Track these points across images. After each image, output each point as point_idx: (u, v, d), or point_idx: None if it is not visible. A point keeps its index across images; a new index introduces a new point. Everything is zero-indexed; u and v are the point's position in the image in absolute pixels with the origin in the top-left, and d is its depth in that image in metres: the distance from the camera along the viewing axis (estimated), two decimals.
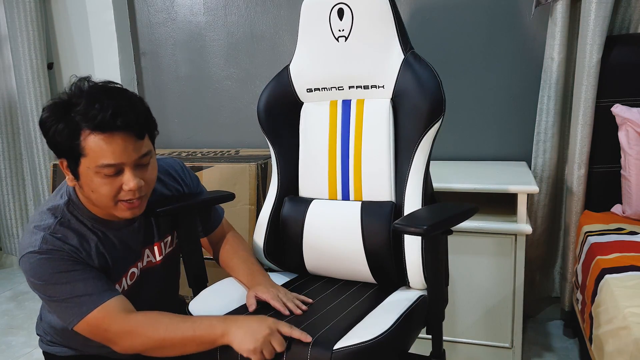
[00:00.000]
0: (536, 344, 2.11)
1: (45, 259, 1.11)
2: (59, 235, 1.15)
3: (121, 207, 1.16)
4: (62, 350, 1.37)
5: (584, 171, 1.98)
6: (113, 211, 1.16)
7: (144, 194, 1.18)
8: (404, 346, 1.21)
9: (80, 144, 1.08)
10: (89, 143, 1.08)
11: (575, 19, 1.99)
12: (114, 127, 1.07)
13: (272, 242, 1.53)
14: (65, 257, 1.13)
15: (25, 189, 3.08)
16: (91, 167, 1.09)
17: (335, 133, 1.46)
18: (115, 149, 1.08)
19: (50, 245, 1.12)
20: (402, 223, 1.13)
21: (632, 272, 1.42)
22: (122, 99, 1.12)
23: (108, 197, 1.13)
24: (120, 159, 1.10)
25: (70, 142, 1.09)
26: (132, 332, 1.12)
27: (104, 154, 1.08)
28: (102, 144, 1.07)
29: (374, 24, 1.39)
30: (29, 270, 1.13)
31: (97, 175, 1.10)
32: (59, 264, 1.12)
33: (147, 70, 2.78)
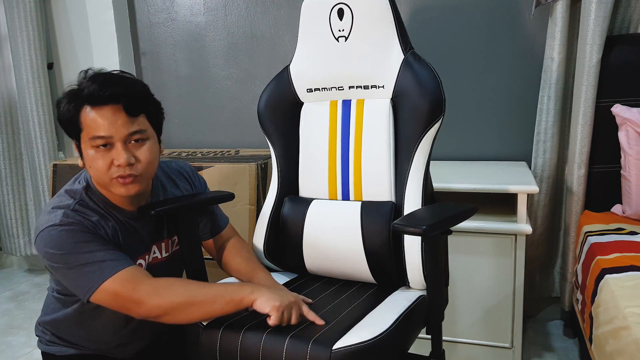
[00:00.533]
0: (536, 344, 2.11)
1: (66, 230, 1.15)
2: (79, 212, 1.19)
3: (115, 184, 1.19)
4: (62, 349, 1.37)
5: (584, 171, 1.97)
6: (110, 188, 1.20)
7: (139, 174, 1.20)
8: (404, 346, 1.21)
9: (79, 119, 1.16)
10: (84, 117, 1.16)
11: (575, 19, 1.99)
12: (102, 99, 1.14)
13: (272, 242, 1.53)
14: (85, 230, 1.17)
15: (25, 189, 3.08)
16: (86, 140, 1.17)
17: (335, 133, 1.46)
18: (105, 121, 1.14)
19: (71, 219, 1.16)
20: (401, 223, 1.13)
21: (632, 272, 1.43)
22: (116, 77, 1.19)
23: (102, 172, 1.17)
24: (109, 132, 1.15)
25: (72, 120, 1.17)
26: (161, 289, 1.15)
27: (96, 126, 1.15)
28: (94, 116, 1.15)
29: (374, 24, 1.39)
30: (49, 242, 1.15)
31: (92, 149, 1.16)
32: (80, 235, 1.15)
33: (147, 70, 2.78)
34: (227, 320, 1.21)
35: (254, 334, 1.15)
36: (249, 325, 1.18)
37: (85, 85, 1.16)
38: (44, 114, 2.84)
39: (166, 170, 1.44)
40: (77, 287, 1.17)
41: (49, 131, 2.88)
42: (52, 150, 2.91)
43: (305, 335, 1.13)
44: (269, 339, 1.13)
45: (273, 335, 1.14)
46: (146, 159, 1.20)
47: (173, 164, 1.46)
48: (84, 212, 1.20)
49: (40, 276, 3.14)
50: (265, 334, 1.14)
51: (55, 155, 2.93)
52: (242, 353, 1.14)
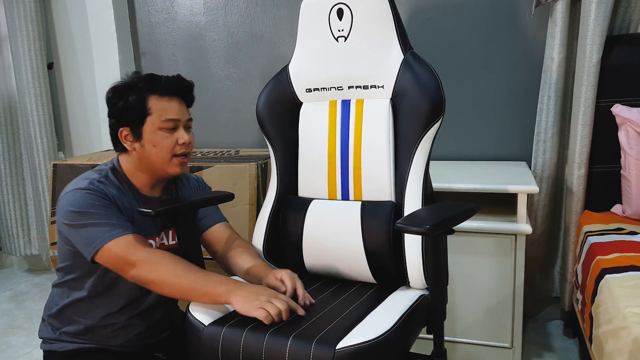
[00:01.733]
0: (536, 344, 2.11)
1: (89, 193, 1.30)
2: (103, 184, 1.35)
3: (175, 162, 1.39)
4: (63, 345, 1.40)
5: (584, 171, 1.98)
6: (167, 166, 1.39)
7: (189, 152, 1.43)
8: (406, 345, 1.21)
9: (147, 106, 1.36)
10: (154, 104, 1.36)
11: (575, 19, 2.00)
12: (173, 91, 1.40)
13: (272, 242, 1.53)
14: (105, 198, 1.31)
15: (25, 189, 3.08)
16: (156, 123, 1.36)
17: (334, 133, 1.46)
18: (175, 107, 1.39)
19: (95, 187, 1.32)
20: (404, 223, 1.13)
21: (632, 272, 1.43)
22: (178, 78, 1.45)
23: (167, 150, 1.37)
24: (179, 115, 1.40)
25: (140, 106, 1.35)
26: (155, 263, 1.24)
27: (167, 111, 1.38)
28: (165, 104, 1.38)
29: (374, 24, 1.39)
30: (71, 201, 1.29)
31: (160, 130, 1.37)
32: (100, 200, 1.30)
33: (147, 70, 2.78)
34: (229, 320, 1.21)
35: (256, 333, 1.15)
36: (251, 325, 1.17)
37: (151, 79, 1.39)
38: (44, 114, 2.84)
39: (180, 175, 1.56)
40: (85, 244, 1.28)
41: (49, 131, 2.88)
42: (52, 150, 2.91)
43: (308, 335, 1.13)
44: (272, 338, 1.13)
45: (276, 335, 1.13)
46: (194, 142, 1.46)
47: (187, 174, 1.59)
48: (107, 185, 1.35)
49: (40, 276, 3.14)
50: (268, 333, 1.14)
51: (55, 155, 2.93)
52: (245, 353, 1.14)
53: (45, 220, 2.95)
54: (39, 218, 3.00)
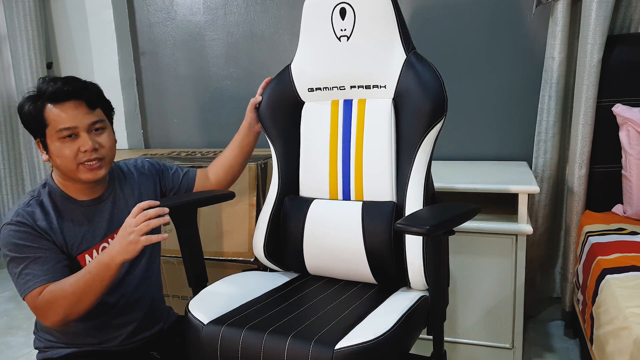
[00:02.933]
0: (537, 344, 2.11)
1: (13, 230, 1.28)
2: (29, 209, 1.31)
3: (82, 170, 1.32)
4: (57, 352, 1.40)
5: (584, 171, 1.97)
6: (77, 174, 1.32)
7: (103, 157, 1.34)
8: (405, 346, 1.21)
9: (43, 116, 1.30)
10: (48, 114, 1.29)
11: (576, 18, 1.99)
12: (64, 95, 1.29)
13: (273, 242, 1.53)
14: (28, 230, 1.28)
15: (25, 189, 3.07)
16: (53, 134, 1.30)
17: (336, 133, 1.46)
18: (69, 114, 1.29)
19: (20, 218, 1.29)
20: (404, 223, 1.12)
21: (633, 272, 1.42)
22: (73, 78, 1.35)
23: (70, 159, 1.30)
24: (74, 122, 1.30)
25: (37, 118, 1.30)
26: (50, 302, 1.24)
27: (61, 119, 1.29)
28: (58, 112, 1.29)
29: (376, 23, 1.39)
30: (2, 240, 1.29)
31: (59, 141, 1.30)
32: (22, 235, 1.28)
33: (147, 70, 2.78)
34: (229, 319, 1.20)
35: (255, 332, 1.15)
36: (250, 324, 1.17)
37: (46, 86, 1.30)
38: None
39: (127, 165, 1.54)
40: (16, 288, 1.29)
41: None
42: None
43: (307, 334, 1.12)
44: (271, 338, 1.13)
45: (275, 334, 1.13)
46: (108, 144, 1.36)
47: (136, 161, 1.58)
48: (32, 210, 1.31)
49: None
50: (267, 333, 1.14)
51: None
52: (243, 352, 1.14)
53: None
54: None
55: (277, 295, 1.38)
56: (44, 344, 1.41)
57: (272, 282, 1.48)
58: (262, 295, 1.38)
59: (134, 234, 1.19)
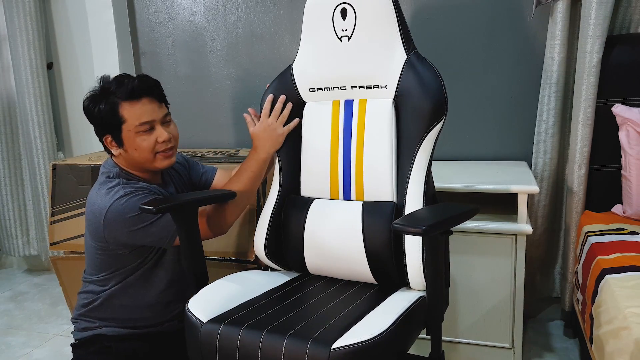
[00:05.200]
0: (536, 344, 2.11)
1: (132, 196, 1.41)
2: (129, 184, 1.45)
3: (159, 158, 1.47)
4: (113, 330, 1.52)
5: (584, 171, 1.97)
6: (153, 163, 1.47)
7: (174, 145, 1.50)
8: (403, 347, 1.21)
9: (119, 114, 1.41)
10: (125, 111, 1.41)
11: (575, 18, 1.99)
12: (140, 92, 1.42)
13: (274, 241, 1.53)
14: (145, 191, 1.44)
15: (24, 189, 3.07)
16: (131, 129, 1.42)
17: (337, 133, 1.46)
18: (146, 109, 1.43)
19: (130, 188, 1.43)
20: (401, 223, 1.12)
21: (633, 272, 1.42)
22: (141, 75, 1.48)
23: (148, 150, 1.44)
24: (152, 116, 1.44)
25: (112, 115, 1.41)
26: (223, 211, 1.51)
27: (140, 115, 1.42)
28: (135, 108, 1.42)
29: (377, 24, 1.39)
30: (124, 210, 1.39)
31: (137, 135, 1.43)
32: (145, 196, 1.42)
33: (147, 70, 2.78)
34: (227, 317, 1.21)
35: (253, 331, 1.15)
36: (248, 323, 1.18)
37: (117, 85, 1.42)
38: (43, 114, 2.83)
39: None
40: (160, 238, 1.43)
41: (48, 131, 2.87)
42: (52, 150, 2.90)
43: (304, 334, 1.13)
44: (268, 337, 1.13)
45: (272, 333, 1.14)
46: (176, 134, 1.53)
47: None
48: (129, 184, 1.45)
49: (39, 276, 3.14)
50: (265, 332, 1.14)
51: (55, 155, 2.93)
52: (242, 350, 1.14)
53: (45, 220, 2.94)
54: (38, 218, 2.99)
55: (276, 294, 1.38)
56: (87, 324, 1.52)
57: (272, 281, 1.48)
58: (262, 294, 1.38)
59: (277, 127, 1.50)
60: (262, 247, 1.52)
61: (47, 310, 2.65)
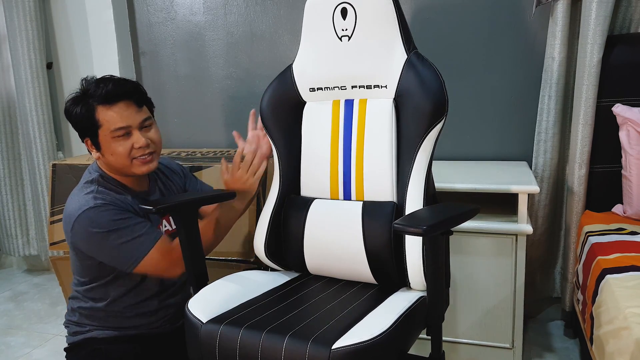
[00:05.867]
0: (537, 344, 2.11)
1: (102, 210, 1.36)
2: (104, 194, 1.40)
3: (136, 164, 1.42)
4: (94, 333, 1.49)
5: (584, 171, 1.97)
6: (131, 169, 1.42)
7: (154, 151, 1.45)
8: (403, 347, 1.21)
9: (95, 118, 1.37)
10: (101, 115, 1.37)
11: (576, 18, 1.99)
12: (115, 96, 1.37)
13: (274, 241, 1.53)
14: (116, 208, 1.38)
15: (24, 189, 3.07)
16: (107, 134, 1.38)
17: (337, 133, 1.46)
18: (122, 114, 1.38)
19: (101, 200, 1.37)
20: (401, 223, 1.12)
21: (633, 272, 1.42)
22: (119, 79, 1.43)
23: (124, 156, 1.39)
24: (127, 122, 1.38)
25: (89, 119, 1.37)
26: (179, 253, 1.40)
27: (114, 120, 1.37)
28: (111, 113, 1.37)
29: (378, 23, 1.39)
30: (90, 223, 1.35)
31: (113, 140, 1.38)
32: (114, 213, 1.36)
33: (147, 70, 2.78)
34: (227, 318, 1.20)
35: (253, 331, 1.15)
36: (248, 323, 1.17)
37: (96, 88, 1.37)
38: (42, 114, 2.83)
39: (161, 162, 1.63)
40: (120, 262, 1.38)
41: (48, 131, 2.87)
42: (51, 150, 2.90)
43: (304, 334, 1.12)
44: (268, 337, 1.13)
45: (272, 333, 1.14)
46: (157, 139, 1.47)
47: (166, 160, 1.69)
48: (107, 193, 1.41)
49: (39, 276, 3.14)
50: (265, 332, 1.14)
51: (55, 155, 2.93)
52: (242, 350, 1.14)
53: (44, 220, 2.94)
54: (38, 218, 2.99)
55: (276, 294, 1.38)
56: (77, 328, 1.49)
57: (272, 281, 1.48)
58: (262, 294, 1.38)
59: (249, 179, 1.51)
60: (262, 247, 1.52)
61: (46, 311, 2.65)
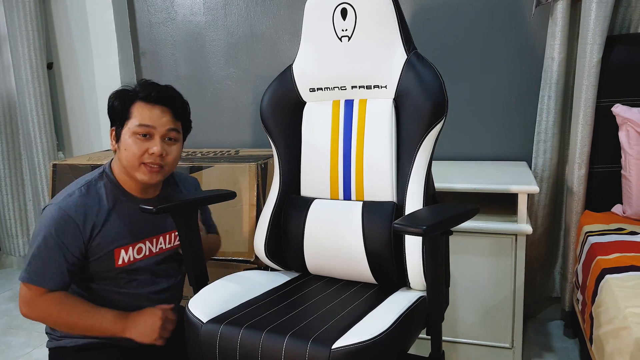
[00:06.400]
0: (536, 344, 2.11)
1: (56, 218, 1.32)
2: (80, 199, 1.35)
3: (143, 169, 1.38)
4: (72, 340, 1.42)
5: (584, 171, 1.97)
6: (136, 172, 1.38)
7: (164, 165, 1.40)
8: (403, 347, 1.21)
9: (129, 109, 1.38)
10: (136, 108, 1.38)
11: (575, 18, 1.99)
12: (158, 98, 1.38)
13: (274, 241, 1.53)
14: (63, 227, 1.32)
15: (25, 189, 3.07)
16: (131, 127, 1.37)
17: (337, 133, 1.46)
18: (153, 114, 1.37)
19: (65, 206, 1.33)
20: (401, 223, 1.12)
21: (633, 272, 1.42)
22: (170, 87, 1.44)
23: (136, 156, 1.36)
24: (154, 122, 1.37)
25: (124, 109, 1.38)
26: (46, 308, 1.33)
27: (144, 116, 1.37)
28: (145, 109, 1.37)
29: (377, 24, 1.39)
30: (42, 216, 1.34)
31: (133, 135, 1.36)
32: (56, 227, 1.31)
33: (147, 70, 2.78)
34: (228, 317, 1.21)
35: (253, 331, 1.15)
36: (248, 323, 1.18)
37: (144, 87, 1.39)
38: (43, 114, 2.83)
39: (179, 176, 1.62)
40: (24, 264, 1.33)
41: (49, 131, 2.87)
42: (52, 150, 2.90)
43: (304, 334, 1.13)
44: (269, 336, 1.13)
45: (273, 333, 1.14)
46: (174, 156, 1.42)
47: (186, 175, 1.68)
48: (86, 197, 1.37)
49: None
50: (265, 331, 1.14)
51: (55, 155, 2.93)
52: (242, 350, 1.14)
53: None
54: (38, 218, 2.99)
55: (276, 294, 1.38)
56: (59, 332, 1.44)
57: (272, 281, 1.48)
58: (262, 294, 1.38)
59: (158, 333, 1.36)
60: (262, 247, 1.52)
61: None
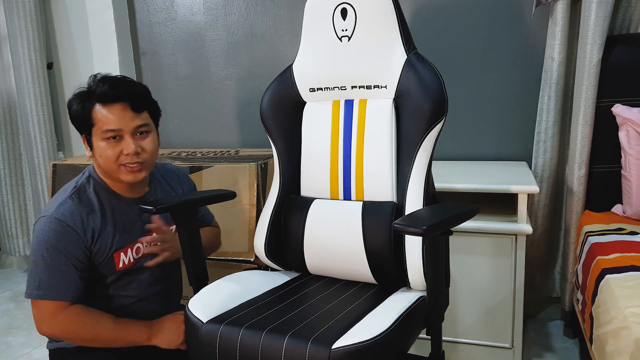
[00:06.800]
0: (536, 344, 2.11)
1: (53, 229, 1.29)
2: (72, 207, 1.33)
3: (123, 171, 1.34)
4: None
5: (584, 171, 1.97)
6: (117, 174, 1.35)
7: (144, 161, 1.36)
8: (403, 347, 1.21)
9: (91, 115, 1.32)
10: (96, 114, 1.32)
11: (575, 18, 1.99)
12: (112, 98, 1.31)
13: (274, 241, 1.53)
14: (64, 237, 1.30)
15: (25, 189, 3.07)
16: (98, 134, 1.32)
17: (337, 133, 1.46)
18: (115, 116, 1.31)
19: (62, 217, 1.30)
20: (401, 223, 1.12)
21: (633, 272, 1.42)
22: (122, 79, 1.37)
23: (111, 160, 1.33)
24: (119, 125, 1.32)
25: (84, 117, 1.33)
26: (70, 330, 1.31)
27: (107, 121, 1.31)
28: (105, 113, 1.31)
29: (377, 24, 1.39)
30: (38, 230, 1.31)
31: (103, 141, 1.32)
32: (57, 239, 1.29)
33: (147, 70, 2.78)
34: (228, 317, 1.21)
35: (253, 331, 1.15)
36: (248, 323, 1.18)
37: (96, 86, 1.33)
38: (43, 114, 2.83)
39: (160, 170, 1.57)
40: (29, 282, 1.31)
41: (49, 131, 2.87)
42: (52, 150, 2.90)
43: (304, 334, 1.13)
44: (269, 336, 1.13)
45: (272, 333, 1.14)
46: (150, 148, 1.37)
47: (167, 166, 1.62)
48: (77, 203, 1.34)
49: None
50: (265, 331, 1.14)
51: (55, 155, 2.93)
52: (242, 350, 1.14)
53: None
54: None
55: (276, 294, 1.38)
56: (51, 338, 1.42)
57: (272, 281, 1.48)
58: (262, 294, 1.38)
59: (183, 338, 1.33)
60: (262, 247, 1.52)
61: None
